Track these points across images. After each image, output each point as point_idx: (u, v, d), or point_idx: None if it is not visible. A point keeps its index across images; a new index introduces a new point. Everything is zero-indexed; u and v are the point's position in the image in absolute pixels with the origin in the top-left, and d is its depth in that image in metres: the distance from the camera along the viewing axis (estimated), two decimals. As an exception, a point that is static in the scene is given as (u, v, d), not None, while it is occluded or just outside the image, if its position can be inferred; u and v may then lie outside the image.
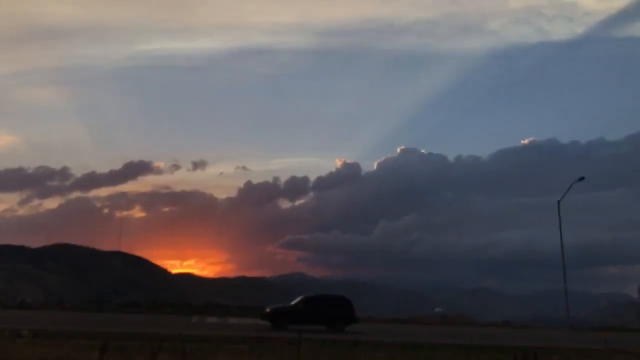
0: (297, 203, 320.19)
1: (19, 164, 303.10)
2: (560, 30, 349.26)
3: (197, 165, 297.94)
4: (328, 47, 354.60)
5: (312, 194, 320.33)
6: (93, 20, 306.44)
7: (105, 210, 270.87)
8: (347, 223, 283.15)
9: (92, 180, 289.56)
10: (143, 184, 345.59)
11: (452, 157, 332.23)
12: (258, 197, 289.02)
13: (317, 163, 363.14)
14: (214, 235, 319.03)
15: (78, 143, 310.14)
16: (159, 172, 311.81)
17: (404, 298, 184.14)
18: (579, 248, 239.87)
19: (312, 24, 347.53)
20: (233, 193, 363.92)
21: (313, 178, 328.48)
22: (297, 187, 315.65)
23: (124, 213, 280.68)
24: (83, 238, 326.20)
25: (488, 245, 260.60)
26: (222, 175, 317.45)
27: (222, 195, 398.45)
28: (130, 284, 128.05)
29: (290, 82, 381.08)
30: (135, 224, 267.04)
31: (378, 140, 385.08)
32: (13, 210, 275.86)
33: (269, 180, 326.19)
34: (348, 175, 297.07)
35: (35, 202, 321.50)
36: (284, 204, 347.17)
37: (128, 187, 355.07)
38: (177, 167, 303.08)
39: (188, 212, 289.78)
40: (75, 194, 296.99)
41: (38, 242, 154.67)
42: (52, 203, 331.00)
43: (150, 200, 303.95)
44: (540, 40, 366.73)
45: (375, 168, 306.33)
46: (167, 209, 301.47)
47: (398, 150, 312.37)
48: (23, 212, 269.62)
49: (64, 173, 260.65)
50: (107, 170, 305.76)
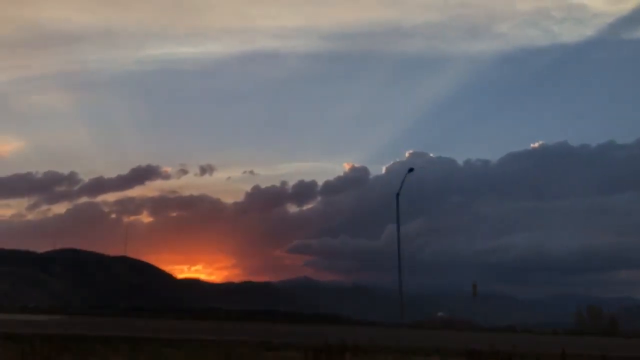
0: (305, 207, 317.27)
1: (27, 169, 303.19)
2: (570, 33, 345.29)
3: (204, 170, 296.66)
4: (335, 50, 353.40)
5: (320, 198, 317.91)
6: (100, 26, 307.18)
7: (113, 215, 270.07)
8: (355, 227, 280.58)
9: (99, 185, 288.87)
10: (151, 189, 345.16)
11: (461, 160, 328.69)
12: (266, 201, 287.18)
13: (325, 167, 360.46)
14: (222, 240, 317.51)
15: (86, 148, 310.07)
16: (167, 176, 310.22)
17: (413, 303, 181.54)
18: (589, 252, 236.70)
19: (319, 28, 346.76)
20: (241, 197, 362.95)
21: (321, 182, 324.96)
22: (305, 191, 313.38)
23: (132, 218, 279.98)
24: (90, 243, 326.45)
25: (497, 250, 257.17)
26: (229, 180, 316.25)
27: (229, 200, 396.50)
28: (135, 289, 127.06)
29: (298, 86, 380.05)
30: (143, 229, 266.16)
31: (386, 144, 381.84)
32: (22, 215, 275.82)
33: (277, 185, 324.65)
34: (356, 180, 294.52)
35: (44, 207, 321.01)
36: (292, 209, 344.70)
37: (136, 192, 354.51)
38: (184, 171, 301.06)
39: (196, 216, 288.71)
40: (83, 199, 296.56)
41: (45, 247, 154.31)
42: (60, 208, 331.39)
43: (158, 205, 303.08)
44: (550, 43, 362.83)
45: (384, 172, 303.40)
46: (174, 214, 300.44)
47: (406, 155, 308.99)
48: (31, 217, 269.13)
49: (72, 178, 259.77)
50: (114, 175, 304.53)
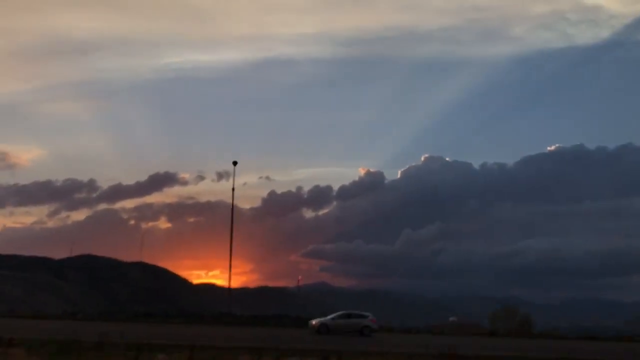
0: (320, 212, 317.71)
1: (47, 177, 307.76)
2: (585, 35, 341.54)
3: (221, 176, 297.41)
4: (350, 55, 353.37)
5: (335, 203, 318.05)
6: (118, 34, 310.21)
7: (132, 222, 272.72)
8: (370, 232, 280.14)
9: (118, 192, 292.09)
10: (168, 195, 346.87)
11: (477, 164, 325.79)
12: (282, 206, 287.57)
13: (340, 172, 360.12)
14: (239, 246, 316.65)
15: (105, 155, 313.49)
16: (184, 183, 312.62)
17: (429, 308, 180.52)
18: (606, 255, 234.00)
19: (333, 34, 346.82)
20: (257, 203, 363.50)
21: (336, 187, 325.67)
22: (320, 196, 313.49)
23: (150, 224, 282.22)
24: (108, 249, 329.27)
25: (514, 254, 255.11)
26: (245, 186, 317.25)
27: (246, 205, 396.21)
28: (151, 295, 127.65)
29: (313, 91, 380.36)
30: (161, 235, 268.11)
31: (402, 149, 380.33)
32: (42, 223, 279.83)
33: (293, 190, 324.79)
34: (371, 184, 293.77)
35: (63, 214, 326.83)
36: (308, 214, 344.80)
37: (154, 198, 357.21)
38: (201, 177, 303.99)
39: (213, 222, 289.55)
40: (102, 206, 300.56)
41: (64, 253, 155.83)
42: (79, 215, 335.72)
43: (176, 211, 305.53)
44: (565, 45, 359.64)
45: (399, 176, 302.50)
46: (192, 220, 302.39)
47: (422, 159, 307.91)
48: (52, 224, 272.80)
49: (91, 185, 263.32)
50: (133, 182, 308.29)
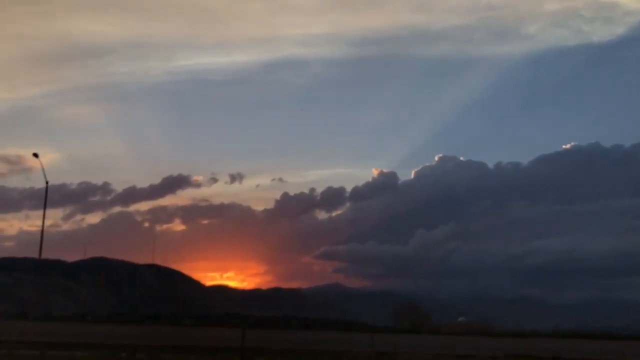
0: (333, 214, 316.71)
1: (62, 180, 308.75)
2: (600, 32, 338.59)
3: (234, 178, 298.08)
4: (362, 56, 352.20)
5: (348, 205, 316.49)
6: (130, 38, 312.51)
7: (146, 224, 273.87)
8: (384, 233, 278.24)
9: (132, 195, 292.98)
10: (182, 198, 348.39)
11: (491, 164, 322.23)
12: (295, 208, 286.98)
13: (353, 173, 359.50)
14: (252, 247, 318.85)
15: (118, 159, 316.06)
16: (198, 185, 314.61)
17: (442, 308, 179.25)
18: (622, 255, 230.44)
19: (345, 34, 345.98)
20: (270, 205, 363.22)
21: (349, 188, 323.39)
22: (333, 197, 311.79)
23: (164, 226, 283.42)
24: (124, 252, 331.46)
25: (529, 254, 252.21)
26: (258, 188, 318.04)
27: (259, 207, 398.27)
28: (163, 297, 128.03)
29: (325, 92, 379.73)
30: (175, 237, 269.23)
31: (415, 149, 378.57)
32: (57, 226, 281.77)
33: (305, 192, 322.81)
34: (385, 185, 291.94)
35: (78, 217, 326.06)
36: (321, 215, 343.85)
37: (167, 200, 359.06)
38: (214, 180, 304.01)
39: (226, 224, 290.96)
40: (117, 209, 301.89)
41: (78, 256, 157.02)
42: (94, 218, 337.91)
43: (190, 214, 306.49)
44: (580, 43, 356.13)
45: (413, 177, 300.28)
46: (206, 222, 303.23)
47: (436, 159, 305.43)
48: (67, 227, 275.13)
49: (105, 188, 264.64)
50: (147, 185, 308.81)
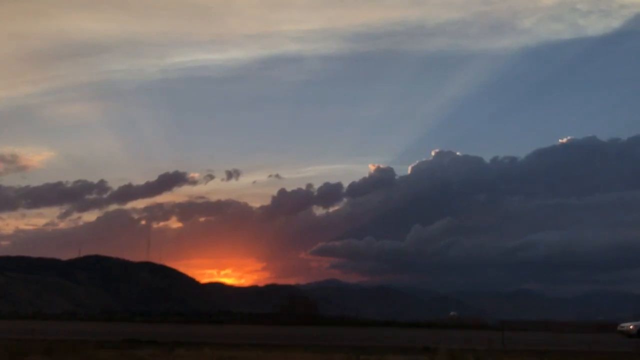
0: (331, 210, 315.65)
1: (58, 179, 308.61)
2: (596, 25, 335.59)
3: (231, 175, 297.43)
4: (358, 52, 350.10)
5: (345, 200, 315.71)
6: (125, 36, 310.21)
7: (143, 222, 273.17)
8: (380, 229, 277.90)
9: (128, 193, 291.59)
10: (179, 195, 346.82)
11: (488, 158, 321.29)
12: (292, 204, 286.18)
13: (350, 169, 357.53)
14: (250, 244, 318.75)
15: (114, 156, 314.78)
16: (194, 182, 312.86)
17: (440, 304, 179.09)
18: (621, 248, 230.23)
19: (341, 30, 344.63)
20: (267, 201, 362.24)
21: (346, 184, 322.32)
22: (330, 193, 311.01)
23: (161, 224, 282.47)
24: (120, 250, 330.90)
25: (526, 248, 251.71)
26: (255, 184, 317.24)
27: (256, 204, 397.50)
28: (158, 294, 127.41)
29: (321, 88, 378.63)
30: (173, 235, 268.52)
31: (412, 144, 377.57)
32: (54, 224, 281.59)
33: (302, 188, 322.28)
34: (382, 181, 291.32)
35: (75, 215, 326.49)
36: (318, 211, 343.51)
37: (164, 198, 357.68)
38: (211, 177, 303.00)
39: (224, 221, 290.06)
40: (113, 207, 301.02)
41: (73, 254, 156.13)
42: (90, 216, 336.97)
43: (186, 211, 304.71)
44: (575, 36, 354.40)
45: (410, 172, 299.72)
46: (203, 219, 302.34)
47: (432, 154, 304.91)
48: (63, 225, 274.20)
49: (101, 186, 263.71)
50: (143, 182, 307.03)
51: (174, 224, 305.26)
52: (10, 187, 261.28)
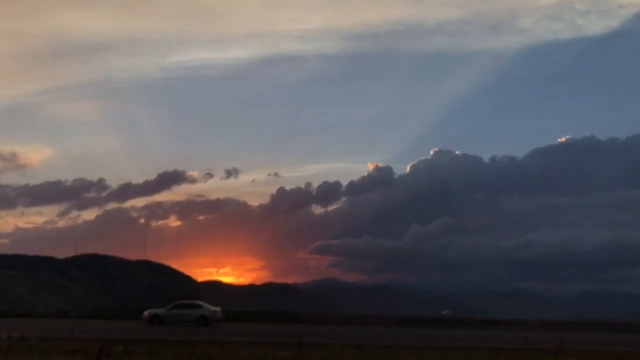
0: (329, 208, 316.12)
1: (57, 177, 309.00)
2: (595, 25, 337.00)
3: (230, 173, 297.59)
4: (357, 51, 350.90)
5: (344, 199, 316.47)
6: (125, 34, 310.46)
7: (142, 220, 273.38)
8: (379, 227, 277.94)
9: (127, 191, 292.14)
10: (178, 193, 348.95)
11: (486, 157, 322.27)
12: (291, 203, 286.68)
13: (349, 168, 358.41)
14: (249, 243, 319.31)
15: (113, 155, 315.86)
16: (193, 181, 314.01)
17: (438, 303, 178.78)
18: (618, 247, 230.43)
19: (340, 29, 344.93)
20: (266, 200, 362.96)
21: (345, 183, 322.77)
22: (329, 192, 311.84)
23: (160, 222, 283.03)
24: (119, 248, 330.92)
25: (523, 247, 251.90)
26: (254, 183, 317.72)
27: (255, 203, 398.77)
28: (155, 293, 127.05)
29: (320, 87, 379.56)
30: (172, 233, 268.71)
31: (411, 143, 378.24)
32: (53, 223, 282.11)
33: (301, 186, 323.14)
34: (380, 179, 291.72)
35: (74, 213, 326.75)
36: (317, 210, 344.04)
37: (163, 196, 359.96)
38: (210, 175, 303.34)
39: (223, 219, 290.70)
40: (112, 205, 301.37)
41: (71, 253, 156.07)
42: (89, 214, 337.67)
43: (185, 209, 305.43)
44: (574, 36, 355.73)
45: (408, 171, 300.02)
46: (202, 217, 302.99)
47: (431, 153, 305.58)
48: (62, 224, 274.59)
49: (101, 185, 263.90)
50: (142, 181, 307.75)
51: (173, 223, 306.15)
52: (10, 185, 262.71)
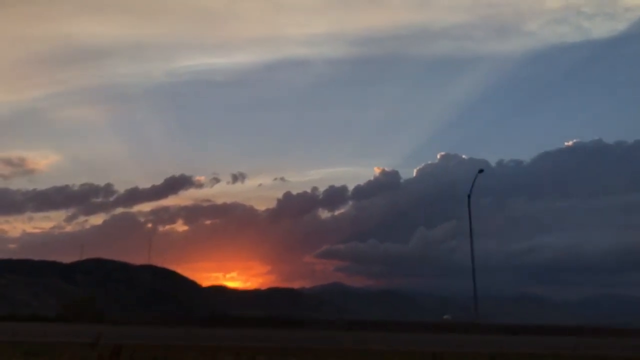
0: (336, 212, 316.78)
1: (65, 182, 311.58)
2: (601, 28, 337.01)
3: (236, 178, 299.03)
4: (363, 55, 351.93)
5: (351, 203, 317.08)
6: (131, 40, 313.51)
7: (149, 225, 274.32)
8: (385, 232, 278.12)
9: (134, 196, 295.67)
10: (184, 198, 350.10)
11: (493, 161, 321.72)
12: (297, 207, 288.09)
13: (355, 172, 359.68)
14: (255, 247, 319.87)
15: (120, 160, 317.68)
16: (200, 185, 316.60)
17: (443, 307, 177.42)
18: (626, 251, 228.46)
19: (346, 33, 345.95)
20: (272, 204, 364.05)
21: (351, 187, 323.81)
22: (335, 196, 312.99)
23: (167, 227, 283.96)
24: (126, 253, 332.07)
25: (531, 251, 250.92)
26: (261, 187, 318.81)
27: (261, 207, 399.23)
28: (159, 298, 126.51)
29: (326, 91, 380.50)
30: (179, 238, 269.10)
31: (417, 147, 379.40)
32: (60, 228, 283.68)
33: (308, 191, 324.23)
34: (387, 184, 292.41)
35: (81, 218, 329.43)
36: (323, 214, 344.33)
37: (170, 201, 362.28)
38: (217, 180, 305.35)
39: (229, 224, 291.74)
40: (119, 210, 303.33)
41: (77, 257, 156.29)
42: (97, 219, 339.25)
43: (192, 214, 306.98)
44: (581, 39, 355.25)
45: (415, 175, 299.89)
46: (208, 222, 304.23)
47: (438, 157, 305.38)
48: (70, 229, 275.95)
49: (108, 189, 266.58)
50: (149, 186, 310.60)
51: (180, 227, 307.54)
52: (18, 190, 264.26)
